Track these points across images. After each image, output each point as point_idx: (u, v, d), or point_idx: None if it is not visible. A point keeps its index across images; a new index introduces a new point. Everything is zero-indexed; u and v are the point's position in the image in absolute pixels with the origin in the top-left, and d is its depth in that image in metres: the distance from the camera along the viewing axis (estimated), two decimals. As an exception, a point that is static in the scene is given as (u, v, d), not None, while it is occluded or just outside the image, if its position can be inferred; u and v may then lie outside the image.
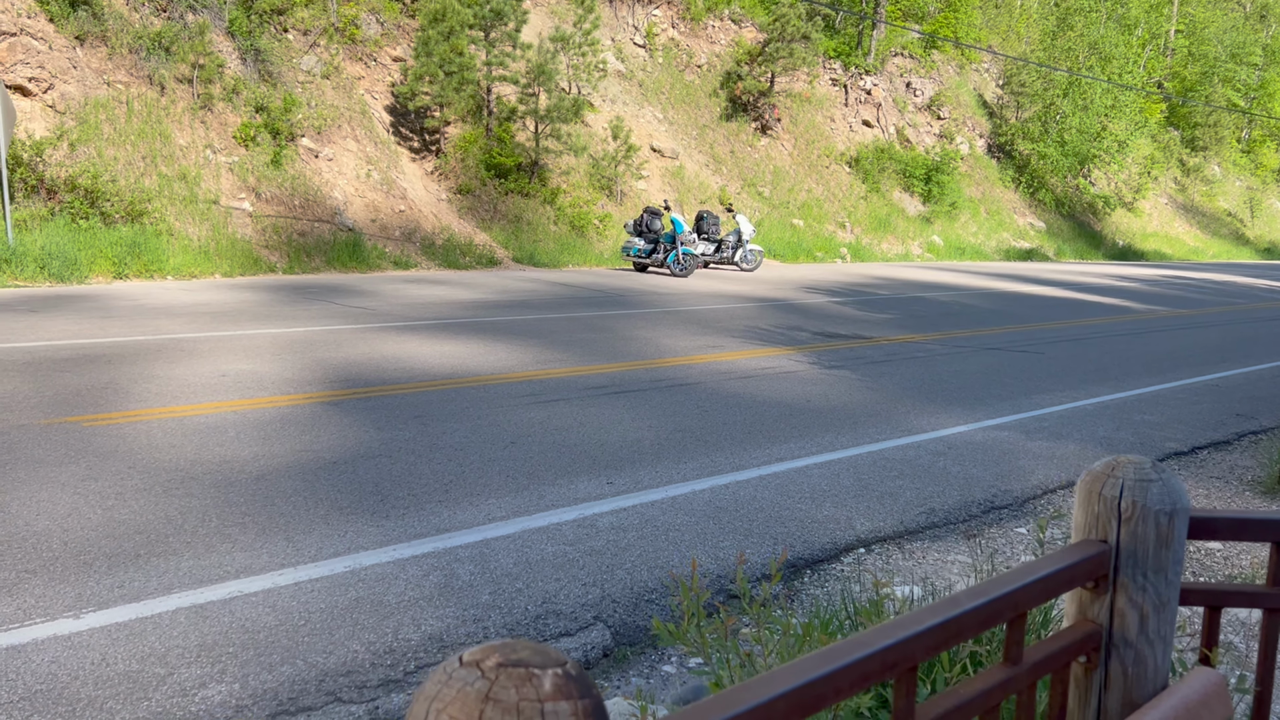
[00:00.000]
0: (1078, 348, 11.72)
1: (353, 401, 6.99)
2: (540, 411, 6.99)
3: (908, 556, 4.70)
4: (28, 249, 13.05)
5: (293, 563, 4.08)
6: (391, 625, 3.60)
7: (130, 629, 3.43)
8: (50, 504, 4.58)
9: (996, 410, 7.91)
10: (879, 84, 33.38)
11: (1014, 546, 4.95)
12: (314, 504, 4.80)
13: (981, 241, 32.87)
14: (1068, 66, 36.52)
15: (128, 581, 3.80)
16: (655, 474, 5.65)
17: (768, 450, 6.30)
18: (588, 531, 4.67)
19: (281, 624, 3.54)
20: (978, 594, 1.32)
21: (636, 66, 27.39)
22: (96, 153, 15.19)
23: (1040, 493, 5.84)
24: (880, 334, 11.98)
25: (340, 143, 19.12)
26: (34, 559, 3.96)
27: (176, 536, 4.28)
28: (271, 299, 12.49)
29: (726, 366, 9.18)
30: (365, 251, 17.39)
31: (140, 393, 6.89)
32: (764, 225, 25.85)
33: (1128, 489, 1.51)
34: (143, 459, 5.35)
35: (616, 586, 4.08)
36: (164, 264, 14.45)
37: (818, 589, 4.27)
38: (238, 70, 17.98)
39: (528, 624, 3.70)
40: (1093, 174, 40.70)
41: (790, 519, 5.02)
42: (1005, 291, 19.30)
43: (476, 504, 4.96)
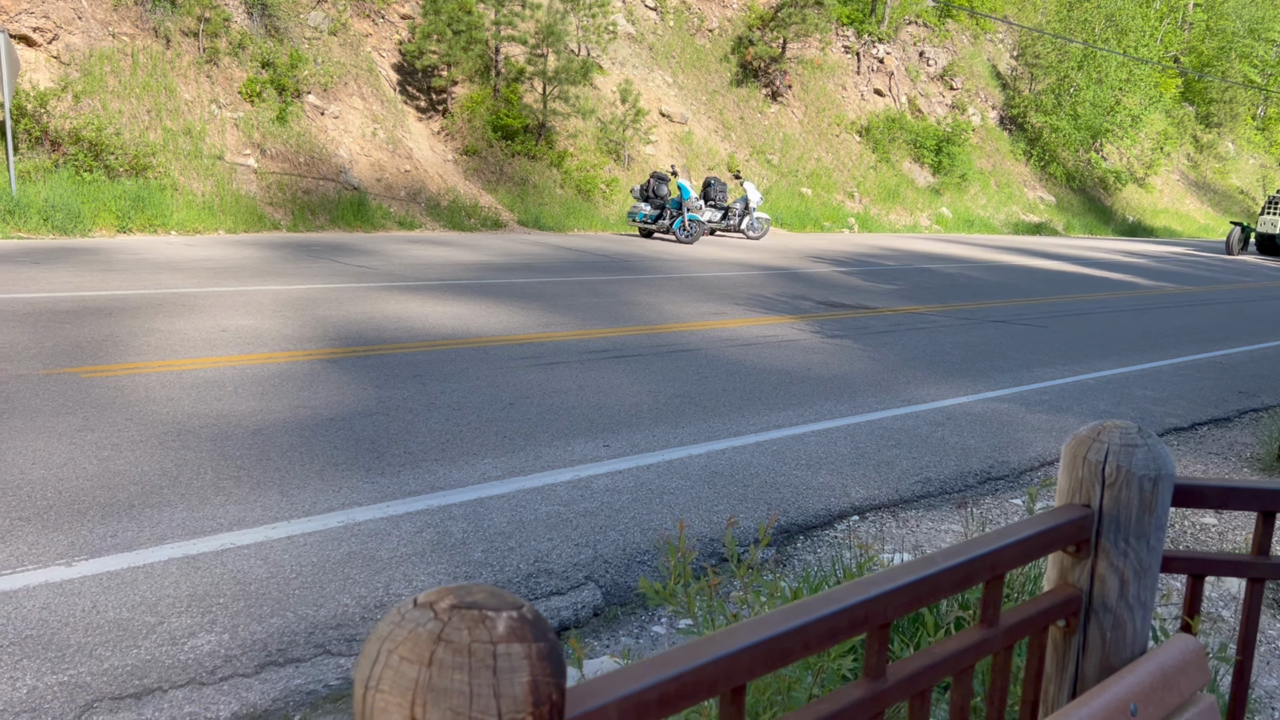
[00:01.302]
0: (1082, 322, 11.67)
1: (352, 359, 6.98)
2: (540, 374, 6.99)
3: (901, 525, 4.70)
4: (31, 201, 13.02)
5: (286, 516, 4.09)
6: (383, 580, 3.61)
7: (121, 578, 3.44)
8: (46, 453, 4.59)
9: (997, 382, 7.88)
10: (892, 52, 33.03)
11: (1009, 517, 4.95)
12: (309, 459, 4.81)
13: (991, 214, 32.67)
14: (1083, 38, 36.08)
15: (120, 531, 3.81)
16: (652, 438, 5.65)
17: (766, 417, 6.29)
18: (582, 493, 4.68)
19: (273, 576, 3.56)
20: (954, 554, 1.30)
21: (647, 29, 27.11)
22: (101, 105, 15.10)
23: (1037, 464, 5.83)
24: (884, 304, 11.94)
25: (346, 100, 18.99)
26: (28, 507, 3.97)
27: (171, 488, 4.29)
28: (274, 256, 12.46)
29: (728, 334, 9.15)
30: (370, 211, 17.32)
31: (139, 346, 6.89)
32: (772, 193, 25.69)
33: (1112, 453, 1.50)
34: (140, 411, 5.36)
35: (609, 547, 4.09)
36: (167, 219, 14.41)
37: (810, 555, 4.27)
38: (244, 25, 17.82)
39: (519, 582, 3.71)
40: (1105, 148, 40.34)
41: (785, 485, 5.02)
42: (1012, 265, 19.20)
43: (472, 463, 4.96)
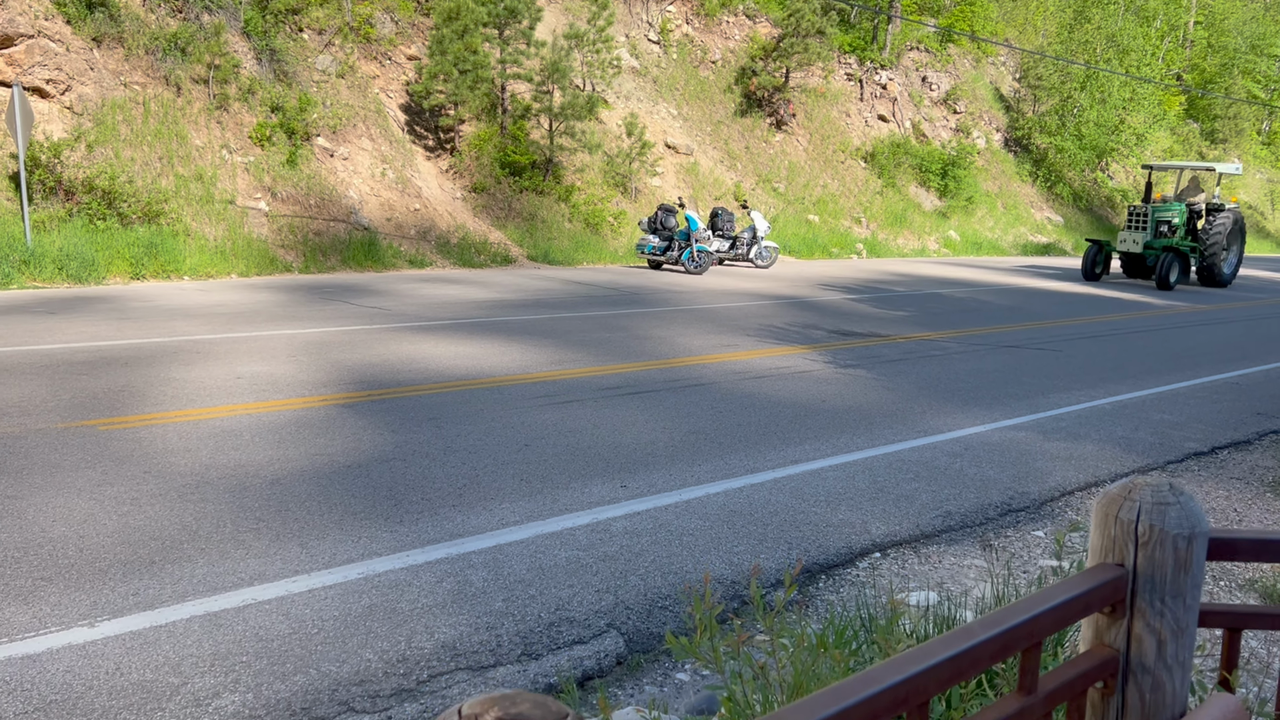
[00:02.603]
0: (1095, 345, 11.63)
1: (368, 404, 7.00)
2: (555, 413, 6.99)
3: (924, 561, 4.66)
4: (46, 250, 13.15)
5: (306, 569, 4.09)
6: (405, 633, 3.60)
7: (144, 638, 3.44)
8: (66, 509, 4.60)
9: (1013, 410, 7.85)
10: (894, 78, 33.21)
11: (1031, 550, 4.91)
12: (328, 509, 4.81)
13: (999, 236, 32.66)
14: (1085, 59, 36.22)
15: (142, 589, 3.81)
16: (669, 477, 5.64)
17: (782, 452, 6.27)
18: (601, 536, 4.66)
19: (295, 632, 3.55)
20: (991, 624, 1.29)
21: (651, 63, 27.34)
22: (114, 154, 15.28)
23: (1058, 495, 5.79)
24: (896, 332, 11.92)
25: (355, 142, 19.17)
26: (50, 566, 3.98)
27: (191, 543, 4.29)
28: (287, 299, 12.53)
29: (741, 366, 9.15)
30: (380, 250, 17.43)
31: (156, 395, 6.92)
32: (779, 221, 25.76)
33: (1145, 512, 1.48)
34: (158, 463, 5.37)
35: (630, 593, 4.07)
36: (180, 264, 14.52)
37: (832, 594, 4.24)
38: (253, 70, 18.04)
39: (540, 631, 3.69)
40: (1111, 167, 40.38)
41: (805, 523, 4.99)
42: (1023, 287, 19.17)
43: (490, 508, 4.96)
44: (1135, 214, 21.00)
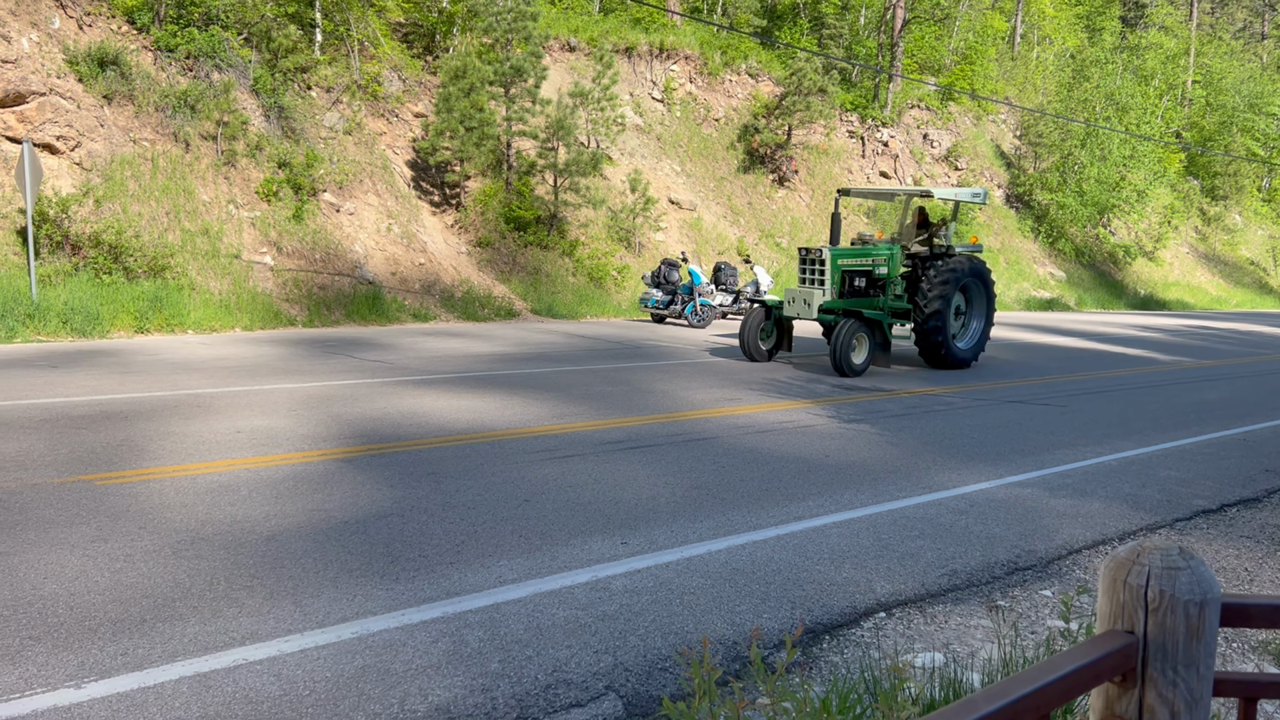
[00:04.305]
0: (1100, 400, 11.57)
1: (367, 458, 6.95)
2: (555, 468, 6.93)
3: (929, 621, 4.57)
4: (51, 304, 13.19)
5: (299, 628, 4.01)
6: (398, 695, 3.51)
7: (131, 699, 3.36)
8: (58, 566, 4.54)
9: (1019, 466, 7.77)
10: (896, 135, 33.56)
11: (1039, 610, 4.82)
12: (323, 566, 4.74)
13: (1001, 291, 32.73)
14: (1085, 117, 36.62)
15: (131, 649, 3.74)
16: (671, 534, 5.56)
17: (785, 508, 6.19)
18: (601, 595, 4.58)
19: (285, 694, 3.47)
20: (996, 695, 1.24)
21: (655, 120, 27.67)
22: (121, 209, 15.41)
23: (1065, 553, 5.70)
24: (900, 386, 11.87)
25: (362, 197, 19.33)
26: (39, 625, 3.91)
27: (184, 601, 4.22)
28: (291, 353, 12.53)
29: (744, 420, 9.09)
30: (385, 304, 17.48)
31: (155, 450, 6.88)
32: (782, 275, 25.86)
33: (1154, 577, 1.43)
34: (154, 519, 5.32)
35: (629, 654, 3.98)
36: (185, 318, 14.56)
37: (836, 655, 4.15)
38: (261, 127, 18.26)
39: (537, 694, 3.61)
40: (1112, 223, 40.59)
41: (808, 581, 4.91)
42: (1027, 342, 19.15)
43: (488, 565, 4.88)
44: (808, 261, 13.64)
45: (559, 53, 26.07)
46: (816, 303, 13.21)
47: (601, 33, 26.99)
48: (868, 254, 13.93)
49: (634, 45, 27.82)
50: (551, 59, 25.02)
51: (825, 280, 13.39)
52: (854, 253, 13.80)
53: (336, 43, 20.93)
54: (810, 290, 13.30)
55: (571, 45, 26.50)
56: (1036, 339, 20.06)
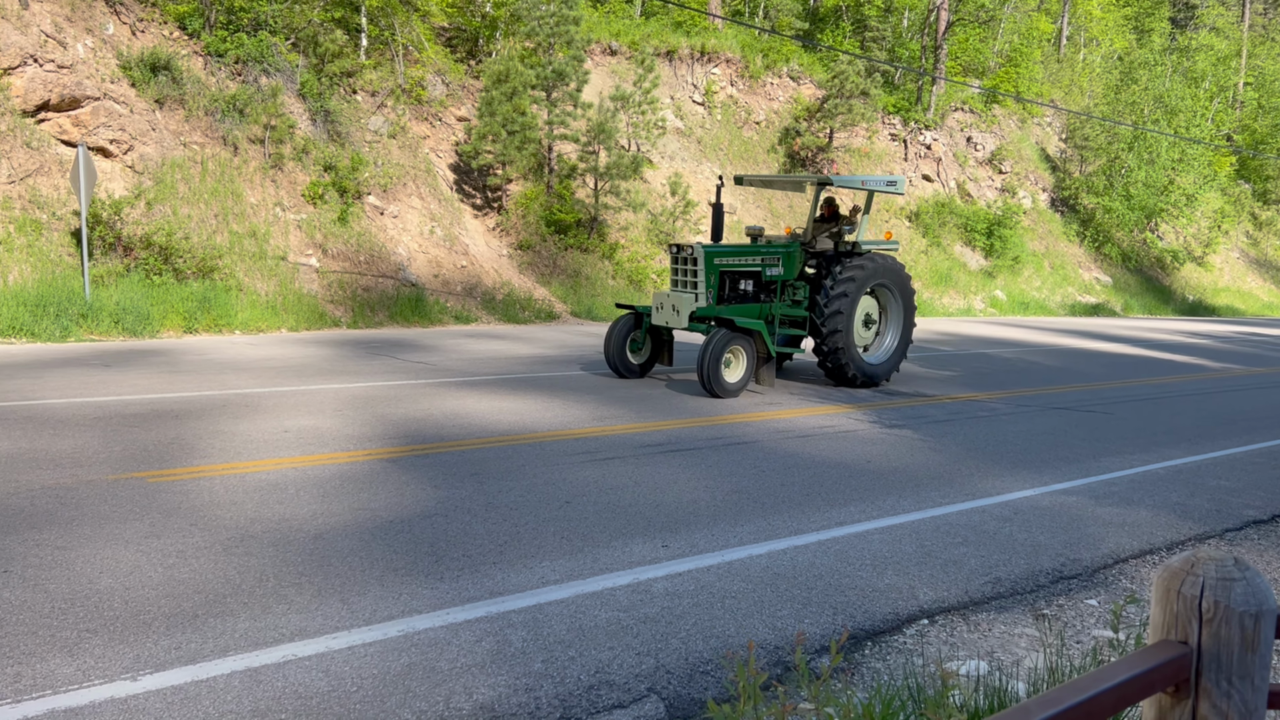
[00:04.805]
0: (1148, 408, 11.40)
1: (411, 458, 7.03)
2: (596, 470, 6.96)
3: (973, 629, 4.54)
4: (103, 304, 13.48)
5: (347, 626, 4.08)
6: (443, 693, 3.56)
7: (185, 692, 3.43)
8: (113, 561, 4.65)
9: (1064, 473, 7.69)
10: (939, 139, 33.28)
11: (1084, 620, 4.77)
12: (369, 564, 4.81)
13: (1046, 296, 32.34)
14: (1133, 120, 36.07)
15: (185, 643, 3.82)
16: (711, 537, 5.57)
17: (827, 514, 6.18)
18: (642, 597, 4.60)
19: (334, 689, 3.53)
20: (1049, 703, 1.24)
21: (695, 123, 27.67)
22: (172, 211, 15.71)
23: (1111, 562, 5.63)
24: (942, 392, 11.78)
25: (405, 200, 19.54)
26: (95, 618, 4.01)
27: (234, 597, 4.31)
28: (335, 354, 12.71)
29: (784, 425, 9.08)
30: (427, 306, 17.66)
31: (205, 448, 7.01)
32: (823, 280, 25.73)
33: (1209, 588, 1.43)
34: (204, 516, 5.42)
35: (671, 656, 4.00)
36: (232, 319, 14.81)
37: (879, 662, 4.14)
38: (308, 131, 18.53)
39: (580, 694, 3.64)
40: (1160, 228, 39.94)
41: (850, 587, 4.89)
42: (1071, 348, 18.91)
43: (530, 566, 4.92)
44: (680, 260, 11.51)
45: (600, 56, 26.16)
46: (687, 309, 11.00)
47: (643, 36, 27.05)
48: (756, 252, 11.84)
49: (675, 48, 27.85)
50: (593, 63, 25.12)
51: (699, 282, 11.22)
52: (735, 250, 11.67)
53: (382, 47, 21.18)
54: (680, 295, 11.16)
55: (613, 49, 26.59)
56: (1081, 345, 19.80)
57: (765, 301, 11.94)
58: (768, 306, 11.90)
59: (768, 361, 11.06)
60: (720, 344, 10.28)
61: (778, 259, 11.91)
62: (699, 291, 11.22)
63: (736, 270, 11.66)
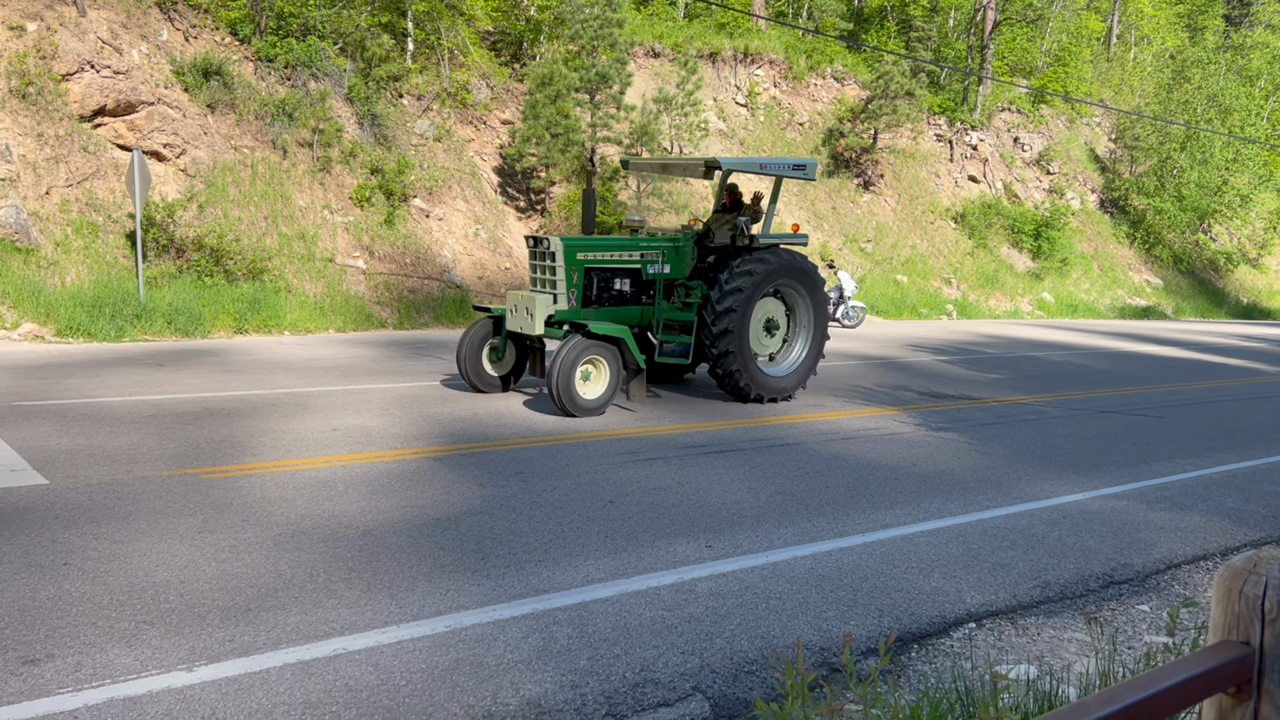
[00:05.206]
0: (1201, 412, 11.18)
1: (457, 457, 7.10)
2: (639, 470, 6.98)
3: (1021, 633, 4.49)
4: (157, 305, 13.76)
5: (395, 621, 4.13)
6: (490, 688, 3.60)
7: (239, 684, 3.50)
8: (169, 555, 4.75)
9: (1114, 478, 7.57)
10: (985, 139, 32.90)
11: (1135, 625, 4.69)
12: (417, 561, 4.87)
13: (1095, 299, 31.84)
14: (1185, 120, 35.39)
15: (238, 635, 3.90)
16: (755, 538, 5.56)
17: (872, 516, 6.14)
18: (686, 597, 4.61)
19: (383, 683, 3.58)
20: (1108, 700, 1.24)
21: (738, 125, 27.62)
22: (222, 213, 15.99)
23: (1164, 567, 5.53)
24: (989, 394, 11.65)
25: (450, 203, 19.72)
26: (152, 610, 4.10)
27: (285, 591, 4.38)
28: (382, 354, 12.86)
29: (828, 426, 9.03)
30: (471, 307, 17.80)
31: (255, 446, 7.13)
32: (866, 281, 25.56)
33: (1273, 587, 1.41)
34: (256, 512, 5.52)
35: (715, 656, 4.00)
36: (281, 320, 15.04)
37: (925, 665, 4.11)
38: (355, 134, 18.77)
39: (625, 692, 3.65)
40: (1213, 229, 39.15)
41: (896, 590, 4.86)
42: (1121, 351, 18.60)
43: (575, 564, 4.95)
44: (537, 254, 9.97)
45: (643, 59, 26.21)
46: (543, 312, 9.48)
47: (686, 38, 27.06)
48: (631, 245, 10.23)
49: (718, 50, 27.82)
50: (636, 65, 25.17)
51: (558, 281, 9.62)
52: (604, 244, 10.09)
53: (427, 51, 21.40)
54: (536, 296, 9.50)
55: (656, 51, 26.62)
56: (1131, 348, 19.47)
57: (648, 304, 10.36)
58: (650, 310, 10.33)
59: (638, 374, 9.31)
60: (573, 354, 8.76)
61: (660, 255, 10.27)
62: (558, 292, 9.61)
63: (608, 267, 10.03)
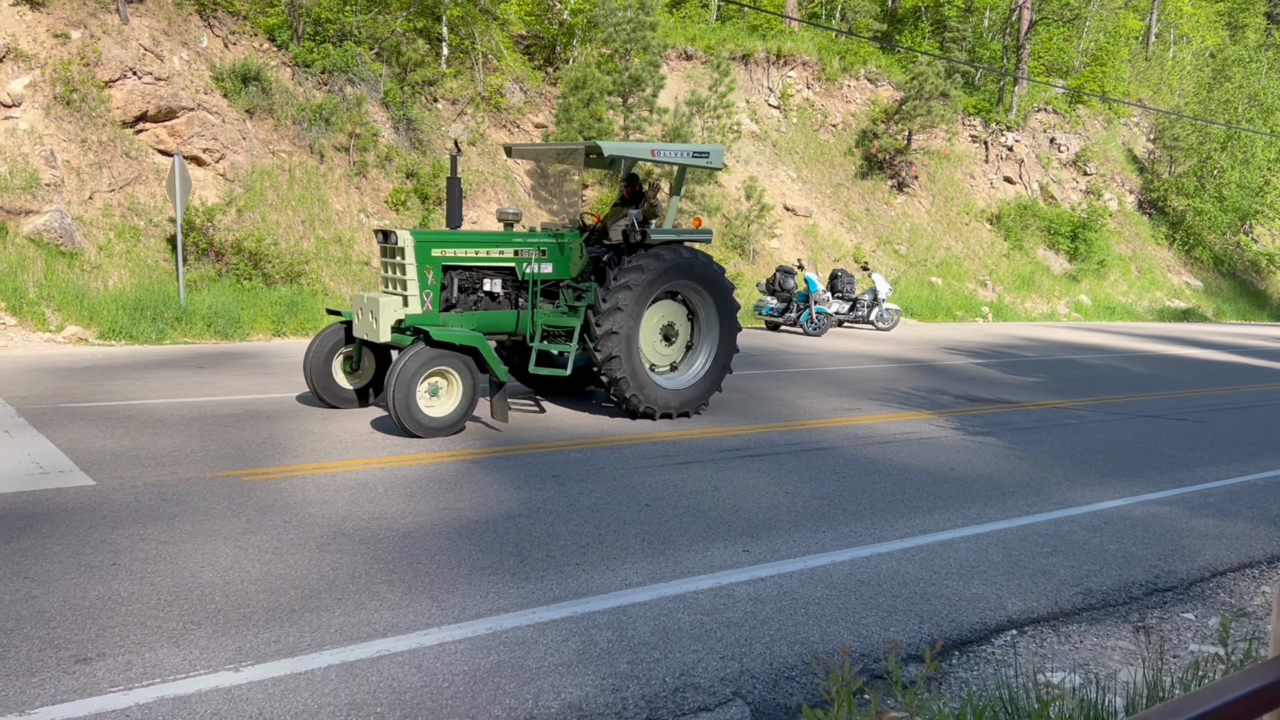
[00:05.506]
0: (1243, 416, 11.00)
1: (494, 459, 7.14)
2: (674, 474, 6.99)
3: (1064, 640, 4.45)
4: (196, 308, 13.95)
5: (437, 622, 4.17)
6: (532, 691, 3.62)
7: (285, 684, 3.55)
8: (213, 556, 4.82)
9: (1155, 483, 7.47)
10: (1021, 140, 32.59)
11: (1180, 634, 4.64)
12: (457, 563, 4.90)
13: (1133, 301, 31.43)
14: (1226, 119, 34.85)
15: (283, 636, 3.95)
16: (793, 543, 5.55)
17: (910, 521, 6.11)
18: (724, 601, 4.61)
19: (426, 685, 3.61)
20: (1171, 713, 1.23)
21: (770, 127, 27.55)
22: (261, 218, 16.19)
23: (1209, 575, 5.46)
24: (1027, 398, 11.54)
25: (484, 206, 19.83)
26: (198, 610, 4.16)
27: (328, 592, 4.43)
28: (416, 357, 12.93)
29: (865, 430, 8.99)
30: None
31: (296, 448, 7.22)
32: (900, 283, 25.39)
33: (1335, 601, 1.39)
34: (298, 514, 5.59)
35: (755, 661, 4.00)
36: (318, 322, 15.18)
37: (967, 672, 4.08)
38: (391, 139, 18.93)
39: (665, 696, 3.66)
40: (1255, 230, 38.51)
41: (936, 596, 4.83)
42: (1161, 354, 18.35)
43: (613, 568, 4.97)
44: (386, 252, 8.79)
45: (676, 61, 26.22)
46: (389, 316, 8.32)
47: (718, 41, 27.03)
48: (501, 241, 9.01)
49: (751, 52, 27.77)
50: (669, 68, 25.18)
51: (409, 281, 8.48)
52: (464, 238, 8.84)
53: (462, 56, 21.54)
54: (382, 298, 8.37)
55: (688, 54, 26.62)
56: (1171, 350, 19.20)
57: (524, 308, 9.15)
58: (529, 315, 9.13)
59: (500, 389, 7.99)
60: (413, 365, 7.63)
61: (538, 253, 9.12)
62: (408, 293, 8.47)
63: (473, 265, 8.88)
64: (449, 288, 8.78)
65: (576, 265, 9.37)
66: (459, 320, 8.68)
